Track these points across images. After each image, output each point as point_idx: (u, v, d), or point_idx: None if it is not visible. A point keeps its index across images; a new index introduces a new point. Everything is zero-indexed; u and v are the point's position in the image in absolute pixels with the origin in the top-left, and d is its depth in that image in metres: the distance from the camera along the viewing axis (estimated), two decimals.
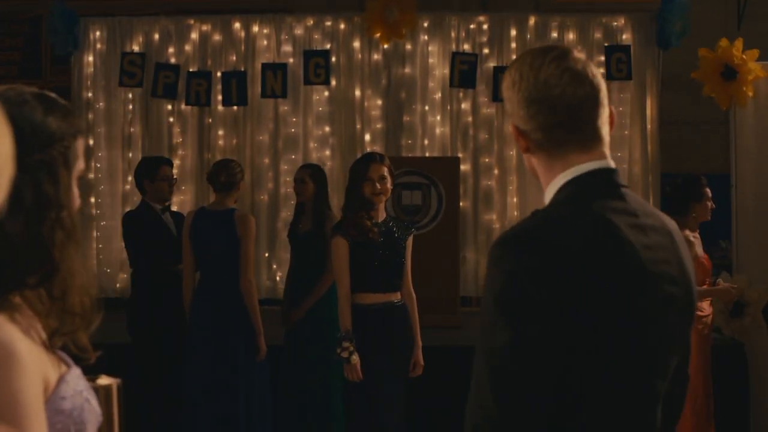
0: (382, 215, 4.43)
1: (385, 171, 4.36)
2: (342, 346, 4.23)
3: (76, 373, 1.36)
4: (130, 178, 7.19)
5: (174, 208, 5.84)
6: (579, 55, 1.63)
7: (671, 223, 1.70)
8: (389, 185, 4.38)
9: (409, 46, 7.32)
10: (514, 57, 6.45)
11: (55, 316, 1.32)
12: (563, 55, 1.61)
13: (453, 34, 7.33)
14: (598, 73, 1.63)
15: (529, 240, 1.49)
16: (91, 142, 7.36)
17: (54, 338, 1.32)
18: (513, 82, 1.63)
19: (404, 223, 4.60)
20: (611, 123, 1.65)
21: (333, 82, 7.26)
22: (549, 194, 1.62)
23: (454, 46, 7.29)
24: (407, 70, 7.34)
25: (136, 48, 7.35)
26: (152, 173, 5.32)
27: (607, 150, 1.63)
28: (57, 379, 1.30)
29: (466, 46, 7.31)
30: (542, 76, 1.59)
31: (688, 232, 4.97)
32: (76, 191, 1.40)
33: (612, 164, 1.62)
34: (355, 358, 4.21)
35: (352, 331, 4.25)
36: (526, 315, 1.43)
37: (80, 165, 1.42)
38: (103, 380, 1.45)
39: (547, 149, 1.61)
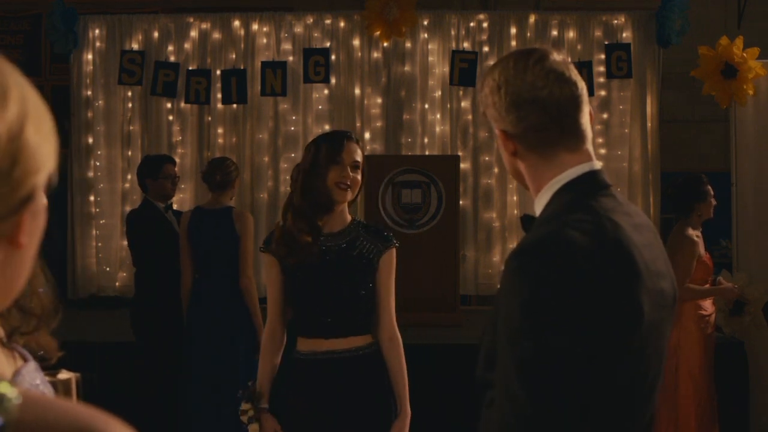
0: (342, 221, 2.94)
1: (360, 156, 2.91)
2: (241, 408, 2.96)
3: (32, 367, 1.36)
4: (129, 177, 7.19)
5: (174, 207, 5.83)
6: (559, 56, 1.65)
7: (648, 219, 1.74)
8: (360, 177, 2.90)
9: (408, 45, 7.32)
10: None
11: (14, 315, 1.31)
12: (544, 56, 1.63)
13: (453, 33, 7.34)
14: (577, 72, 1.66)
15: (549, 248, 1.50)
16: (90, 140, 7.35)
17: (14, 336, 1.31)
18: (498, 86, 1.64)
19: (383, 233, 2.98)
20: (591, 120, 1.67)
21: (333, 81, 7.26)
22: (543, 199, 1.63)
23: (453, 45, 7.29)
24: (407, 68, 7.34)
25: (135, 46, 7.35)
26: (155, 171, 5.31)
27: (591, 148, 1.66)
28: (12, 375, 1.30)
29: (466, 45, 7.31)
30: (528, 78, 1.60)
31: (691, 231, 4.95)
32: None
33: (597, 164, 1.64)
34: (255, 428, 2.93)
35: (264, 389, 2.96)
36: (553, 322, 1.44)
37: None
38: (63, 375, 1.45)
39: (537, 151, 1.62)
